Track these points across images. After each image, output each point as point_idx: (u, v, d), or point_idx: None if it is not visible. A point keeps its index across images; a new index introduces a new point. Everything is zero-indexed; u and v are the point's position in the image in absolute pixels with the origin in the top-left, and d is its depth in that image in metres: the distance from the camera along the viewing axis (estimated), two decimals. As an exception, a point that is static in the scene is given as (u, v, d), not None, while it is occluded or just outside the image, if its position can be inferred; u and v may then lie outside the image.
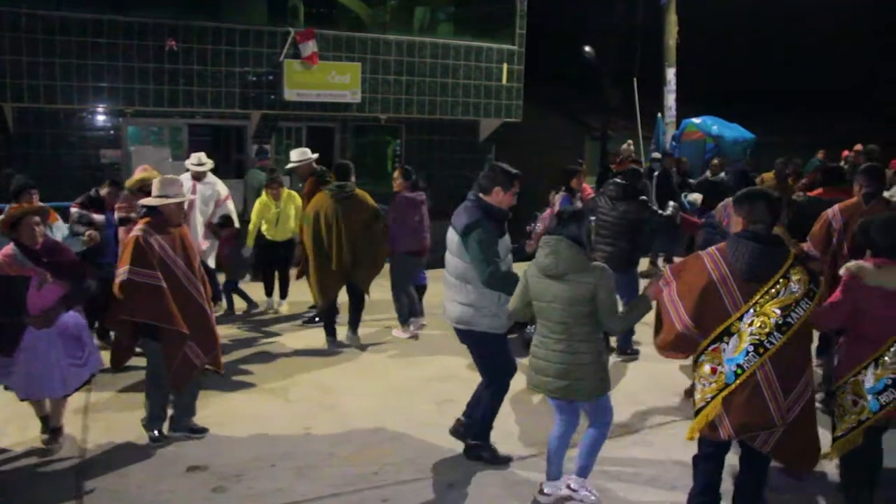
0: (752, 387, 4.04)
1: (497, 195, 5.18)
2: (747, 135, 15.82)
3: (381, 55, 12.70)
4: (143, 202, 5.80)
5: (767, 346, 3.99)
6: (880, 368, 4.33)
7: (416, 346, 8.41)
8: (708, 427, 4.21)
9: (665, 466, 5.50)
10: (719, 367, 4.12)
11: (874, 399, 4.34)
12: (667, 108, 16.83)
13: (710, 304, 4.10)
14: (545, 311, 4.61)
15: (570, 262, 4.49)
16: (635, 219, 7.66)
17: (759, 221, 4.13)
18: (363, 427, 6.11)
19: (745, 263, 4.03)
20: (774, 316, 3.98)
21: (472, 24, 14.32)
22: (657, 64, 16.96)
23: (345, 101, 12.40)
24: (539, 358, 4.68)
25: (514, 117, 13.97)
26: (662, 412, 6.54)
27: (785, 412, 4.06)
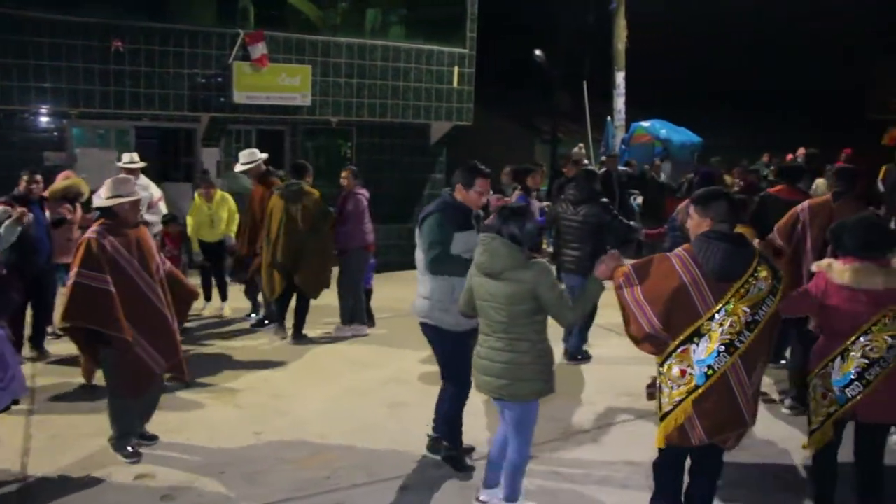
0: (724, 387, 4.00)
1: (460, 192, 5.20)
2: (695, 138, 16.13)
3: (332, 58, 12.63)
4: (95, 204, 5.63)
5: (738, 345, 3.97)
6: (846, 362, 4.43)
7: (368, 349, 8.38)
8: (677, 432, 4.12)
9: (616, 466, 5.55)
10: (689, 368, 4.05)
11: (840, 392, 4.45)
12: (616, 111, 17.06)
13: (681, 307, 4.03)
14: (484, 309, 4.53)
15: (505, 260, 4.39)
16: (598, 222, 7.65)
17: (723, 221, 4.12)
18: (315, 431, 6.06)
19: (717, 264, 3.98)
20: (744, 314, 3.97)
21: (424, 28, 14.32)
22: (607, 68, 17.16)
23: (295, 104, 12.29)
24: (481, 357, 4.60)
25: (465, 120, 14.00)
26: (613, 412, 6.61)
27: (753, 408, 4.11)
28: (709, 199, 4.19)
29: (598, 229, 7.67)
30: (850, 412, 4.47)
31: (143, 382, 5.51)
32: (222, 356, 7.99)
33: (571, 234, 7.73)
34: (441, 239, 5.05)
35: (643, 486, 5.18)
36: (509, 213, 4.53)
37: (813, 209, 6.43)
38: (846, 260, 4.47)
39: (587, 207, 7.66)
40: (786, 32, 32.71)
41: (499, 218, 4.53)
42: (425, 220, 5.18)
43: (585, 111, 17.05)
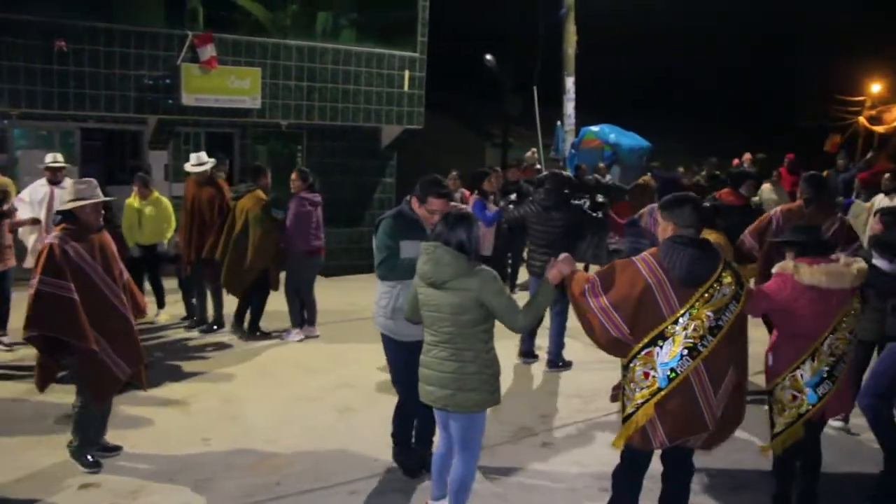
0: (686, 390, 4.02)
1: (414, 204, 5.12)
2: (643, 143, 16.35)
3: (282, 60, 12.53)
4: (57, 209, 5.52)
5: (700, 349, 4.00)
6: (816, 361, 4.54)
7: (318, 354, 8.36)
8: (638, 435, 4.13)
9: (565, 468, 5.63)
10: (652, 371, 4.07)
11: (812, 392, 4.54)
12: (566, 116, 17.20)
13: (646, 310, 4.05)
14: (430, 319, 4.41)
15: (450, 269, 4.26)
16: (570, 225, 7.66)
17: (689, 226, 4.15)
18: (264, 437, 6.03)
19: (683, 269, 4.01)
20: (707, 319, 4.00)
21: (375, 31, 14.28)
22: (557, 73, 17.32)
23: (245, 107, 12.16)
24: (425, 367, 4.47)
25: (416, 124, 13.99)
26: (562, 415, 6.69)
27: (716, 412, 4.11)
28: (674, 204, 4.21)
29: (568, 234, 7.68)
30: (819, 411, 4.59)
31: (107, 389, 5.44)
32: (169, 362, 7.90)
33: (542, 238, 7.73)
34: (388, 244, 5.03)
35: (592, 488, 5.27)
36: (455, 220, 4.39)
37: (786, 214, 6.71)
38: (813, 261, 4.55)
39: (558, 212, 7.68)
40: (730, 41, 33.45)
41: (444, 225, 4.38)
42: (377, 226, 5.20)
43: (536, 116, 17.19)
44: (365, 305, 10.50)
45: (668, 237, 4.15)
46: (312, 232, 8.71)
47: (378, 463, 5.59)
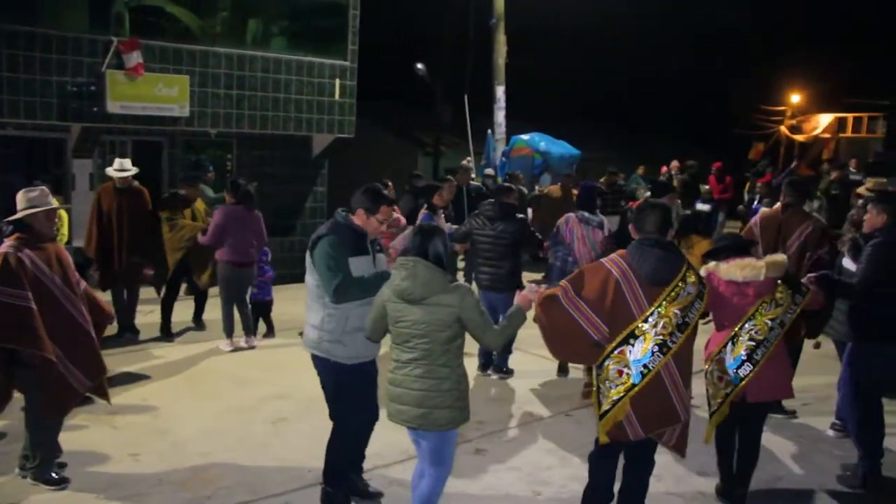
0: (659, 385, 4.28)
1: (360, 218, 4.87)
2: (573, 151, 16.58)
3: (211, 68, 12.37)
4: (8, 219, 5.30)
5: (670, 345, 4.25)
6: (736, 346, 4.91)
7: (251, 364, 8.26)
8: (616, 428, 4.35)
9: (498, 474, 5.67)
10: (625, 368, 4.29)
11: (734, 373, 4.90)
12: (497, 124, 17.36)
13: (618, 309, 4.28)
14: (404, 336, 4.30)
15: (430, 285, 4.22)
16: (514, 239, 7.62)
17: (653, 231, 4.41)
18: (196, 451, 5.94)
19: (651, 268, 4.28)
20: (675, 317, 4.26)
21: (306, 39, 14.19)
22: (488, 82, 17.47)
23: (173, 115, 11.96)
24: (396, 385, 4.35)
25: (348, 133, 13.95)
26: (497, 421, 6.73)
27: (686, 404, 4.40)
28: (641, 210, 4.57)
29: (514, 246, 7.67)
30: (741, 393, 4.92)
31: (66, 403, 5.28)
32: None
33: (489, 250, 7.67)
34: (338, 264, 4.66)
35: (526, 492, 5.33)
36: (430, 233, 4.37)
37: (763, 220, 6.96)
38: (729, 259, 5.01)
39: (504, 224, 7.65)
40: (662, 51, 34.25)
41: (420, 239, 4.35)
42: (317, 244, 4.78)
43: (467, 124, 17.31)
44: (297, 314, 10.44)
45: (636, 240, 4.45)
46: (233, 245, 8.57)
47: (311, 474, 5.55)
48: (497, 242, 7.63)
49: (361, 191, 4.93)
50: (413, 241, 4.39)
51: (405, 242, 4.86)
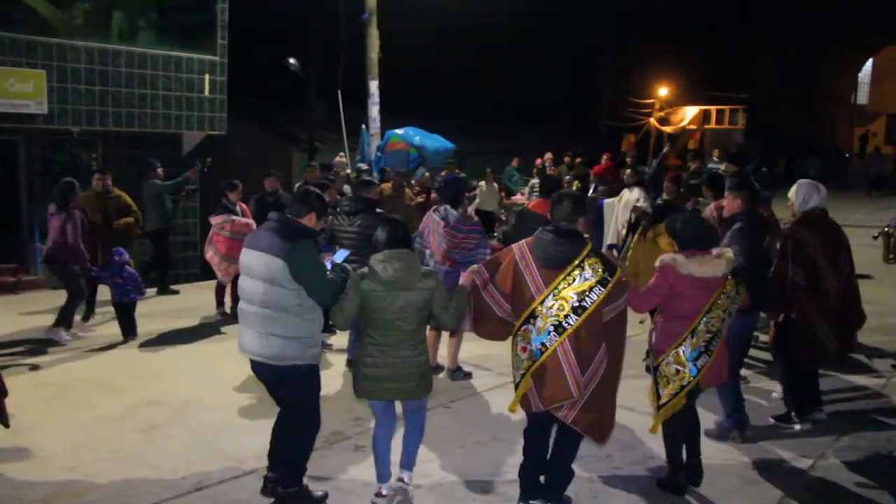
0: (554, 363, 4.57)
1: (310, 220, 4.91)
2: (448, 144, 16.72)
3: (70, 63, 11.84)
4: None
5: (565, 327, 4.54)
6: (695, 338, 5.07)
7: (120, 371, 7.96)
8: (523, 400, 4.75)
9: (377, 470, 5.68)
10: (528, 345, 4.66)
11: (692, 365, 5.08)
12: (371, 119, 17.32)
13: (519, 290, 4.66)
14: (387, 322, 4.73)
15: (414, 272, 4.74)
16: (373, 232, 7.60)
17: (563, 219, 4.73)
18: (61, 465, 5.67)
19: (544, 252, 4.65)
20: (570, 300, 4.55)
21: (173, 34, 13.79)
22: (361, 77, 17.40)
23: (29, 112, 11.40)
24: (380, 367, 4.77)
25: (219, 130, 13.66)
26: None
27: (582, 386, 4.59)
28: (555, 200, 4.86)
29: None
30: (697, 382, 5.14)
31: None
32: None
33: (351, 246, 7.56)
34: (324, 269, 4.80)
35: (404, 487, 5.36)
36: (396, 224, 4.92)
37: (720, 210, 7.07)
38: (688, 253, 5.11)
39: (362, 217, 7.60)
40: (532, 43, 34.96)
41: (391, 230, 4.82)
42: (297, 251, 4.69)
43: (341, 120, 17.20)
44: (167, 318, 10.16)
45: (545, 226, 4.79)
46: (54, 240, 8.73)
47: (186, 481, 5.41)
48: (356, 236, 7.55)
49: (307, 196, 5.01)
50: (385, 233, 4.82)
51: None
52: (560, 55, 36.71)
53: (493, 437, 6.24)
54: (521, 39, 34.76)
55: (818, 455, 5.98)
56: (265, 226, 4.94)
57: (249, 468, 5.60)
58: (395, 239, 4.80)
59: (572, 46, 37.09)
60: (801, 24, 36.38)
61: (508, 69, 35.10)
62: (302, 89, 22.99)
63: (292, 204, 5.00)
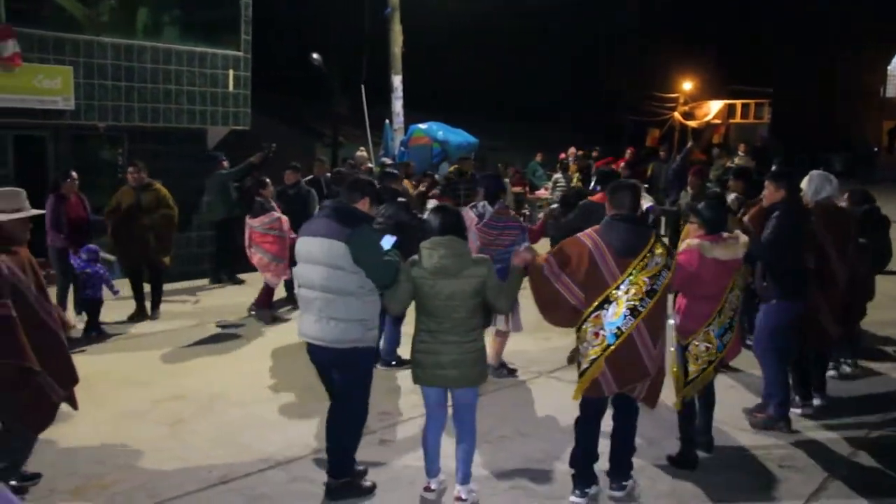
0: (630, 345, 4.79)
1: (364, 206, 5.01)
2: (471, 139, 16.66)
3: (97, 59, 11.93)
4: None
5: (640, 310, 4.77)
6: (722, 316, 5.35)
7: (140, 367, 8.00)
8: (592, 385, 4.86)
9: (405, 462, 5.68)
10: (601, 331, 4.80)
11: (719, 341, 5.38)
12: (394, 114, 17.32)
13: (593, 278, 4.80)
14: (439, 309, 4.76)
15: (463, 259, 4.77)
16: (397, 221, 7.53)
17: (628, 207, 4.94)
18: (90, 457, 5.72)
19: (620, 241, 4.81)
20: (644, 284, 4.78)
21: (198, 30, 13.86)
22: (385, 70, 17.41)
23: (56, 108, 11.49)
24: (433, 353, 4.81)
25: (243, 125, 13.72)
26: (401, 412, 6.74)
27: (656, 361, 4.90)
28: (613, 190, 5.10)
29: (397, 228, 7.61)
30: (723, 356, 5.48)
31: (46, 416, 4.97)
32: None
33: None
34: (383, 251, 4.86)
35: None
36: (449, 212, 4.96)
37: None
38: (714, 238, 5.34)
39: (385, 207, 7.64)
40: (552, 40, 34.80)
41: (443, 218, 4.86)
42: (359, 235, 4.79)
43: (364, 114, 17.21)
44: (192, 312, 10.22)
45: (607, 216, 4.97)
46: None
47: (212, 475, 5.44)
48: (384, 226, 7.44)
49: (357, 182, 5.13)
50: (436, 221, 4.85)
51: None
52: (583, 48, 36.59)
53: (518, 432, 6.22)
54: (541, 35, 34.66)
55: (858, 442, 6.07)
56: (321, 212, 5.09)
57: (274, 462, 5.63)
58: (443, 227, 4.84)
59: (593, 41, 36.95)
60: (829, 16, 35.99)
61: (528, 65, 35.01)
62: (325, 84, 23.01)
63: (346, 191, 5.09)
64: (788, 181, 6.30)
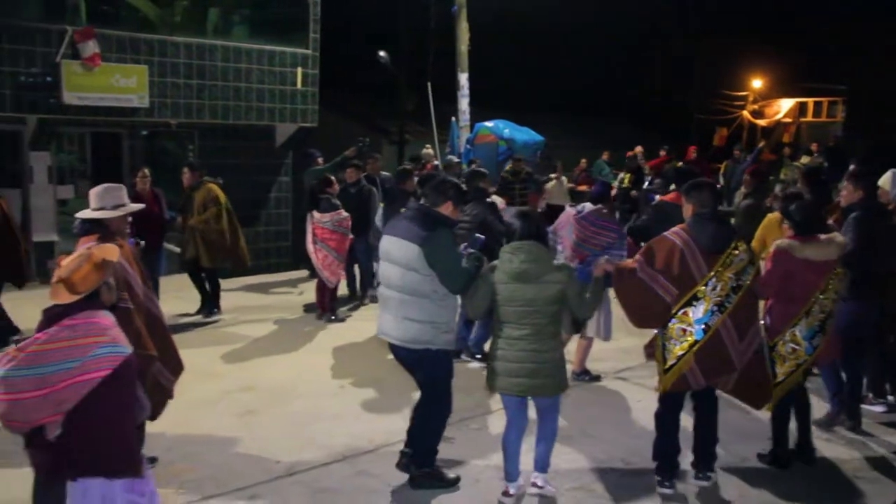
0: (717, 340, 4.89)
1: (447, 209, 5.02)
2: (537, 137, 16.57)
3: (170, 58, 12.21)
4: (83, 215, 5.12)
5: (727, 305, 4.87)
6: (810, 318, 5.30)
7: (215, 357, 8.17)
8: (680, 380, 4.97)
9: (470, 461, 5.67)
10: (689, 327, 4.91)
11: (808, 344, 5.32)
12: (461, 112, 17.30)
13: (682, 275, 4.88)
14: (517, 314, 4.74)
15: (543, 265, 4.74)
16: (483, 220, 7.56)
17: (706, 206, 5.01)
18: (160, 446, 5.84)
19: (708, 238, 4.91)
20: (730, 280, 4.88)
21: (266, 28, 14.08)
22: (451, 69, 17.42)
23: (132, 106, 11.79)
24: (510, 361, 4.79)
25: (311, 122, 13.88)
26: (464, 409, 6.71)
27: (741, 356, 4.98)
28: (694, 188, 5.16)
29: (482, 229, 7.43)
30: (813, 359, 5.41)
31: (160, 404, 5.15)
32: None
33: (461, 234, 7.53)
34: (458, 257, 4.94)
35: (497, 479, 5.34)
36: (531, 217, 4.97)
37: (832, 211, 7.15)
38: (804, 239, 5.32)
39: (472, 206, 7.65)
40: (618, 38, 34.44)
41: (526, 223, 4.87)
42: (434, 239, 4.83)
43: (430, 112, 17.25)
44: (261, 306, 10.39)
45: (693, 214, 5.03)
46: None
47: (280, 465, 5.53)
48: (470, 225, 7.47)
49: (443, 185, 5.08)
50: (518, 225, 4.87)
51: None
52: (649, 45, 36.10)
53: (582, 432, 6.17)
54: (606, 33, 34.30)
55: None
56: (405, 213, 5.14)
57: (340, 456, 5.68)
58: (525, 231, 4.84)
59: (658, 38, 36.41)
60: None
61: (596, 63, 34.70)
62: (392, 82, 23.15)
63: (430, 193, 5.09)
64: (866, 181, 6.25)
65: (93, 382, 3.39)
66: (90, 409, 3.41)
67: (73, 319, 3.49)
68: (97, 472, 3.54)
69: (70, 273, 3.53)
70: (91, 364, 3.40)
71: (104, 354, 3.45)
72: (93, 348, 3.43)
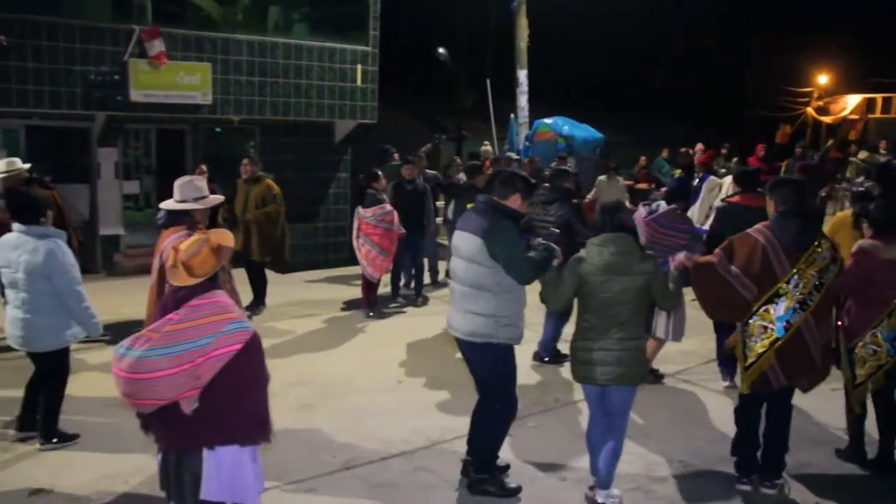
0: (799, 338, 4.86)
1: (515, 202, 4.98)
2: (597, 134, 16.44)
3: (233, 55, 12.38)
4: (168, 206, 5.26)
5: (809, 303, 4.83)
6: (892, 319, 5.24)
7: (271, 351, 8.25)
8: (760, 378, 4.94)
9: (526, 460, 5.64)
10: (770, 325, 4.88)
11: (891, 346, 5.26)
12: (519, 108, 17.24)
13: (764, 272, 4.83)
14: (604, 305, 4.75)
15: (633, 256, 4.75)
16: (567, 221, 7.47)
17: (790, 202, 4.94)
18: (221, 437, 5.94)
19: (792, 236, 4.84)
20: (812, 278, 4.83)
21: (326, 25, 14.18)
22: (510, 65, 17.36)
23: (195, 103, 12.00)
24: (594, 350, 4.79)
25: (370, 119, 13.94)
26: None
27: (820, 354, 4.95)
28: (775, 185, 5.12)
29: (568, 228, 7.35)
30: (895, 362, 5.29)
31: None
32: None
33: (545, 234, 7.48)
34: (522, 248, 4.93)
35: (553, 478, 5.30)
36: (617, 209, 4.92)
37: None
38: (887, 239, 5.25)
39: (557, 206, 7.60)
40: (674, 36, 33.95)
41: (612, 215, 4.84)
42: (497, 232, 4.81)
43: (489, 109, 17.22)
44: (318, 301, 10.49)
45: (778, 211, 4.97)
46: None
47: (336, 460, 5.57)
48: (554, 226, 7.21)
49: (512, 178, 5.05)
50: (605, 219, 4.85)
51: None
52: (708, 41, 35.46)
53: (641, 433, 6.08)
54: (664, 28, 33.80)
55: None
56: (474, 207, 5.11)
57: (397, 451, 5.70)
58: (612, 223, 4.83)
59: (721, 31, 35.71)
60: None
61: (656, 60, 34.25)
62: (451, 79, 23.17)
63: (498, 186, 5.06)
64: None
65: (228, 356, 3.53)
66: (225, 382, 3.55)
67: (200, 300, 3.62)
68: (235, 440, 3.70)
69: (189, 257, 3.64)
70: (223, 339, 3.53)
71: (233, 330, 3.57)
72: (224, 325, 3.56)
